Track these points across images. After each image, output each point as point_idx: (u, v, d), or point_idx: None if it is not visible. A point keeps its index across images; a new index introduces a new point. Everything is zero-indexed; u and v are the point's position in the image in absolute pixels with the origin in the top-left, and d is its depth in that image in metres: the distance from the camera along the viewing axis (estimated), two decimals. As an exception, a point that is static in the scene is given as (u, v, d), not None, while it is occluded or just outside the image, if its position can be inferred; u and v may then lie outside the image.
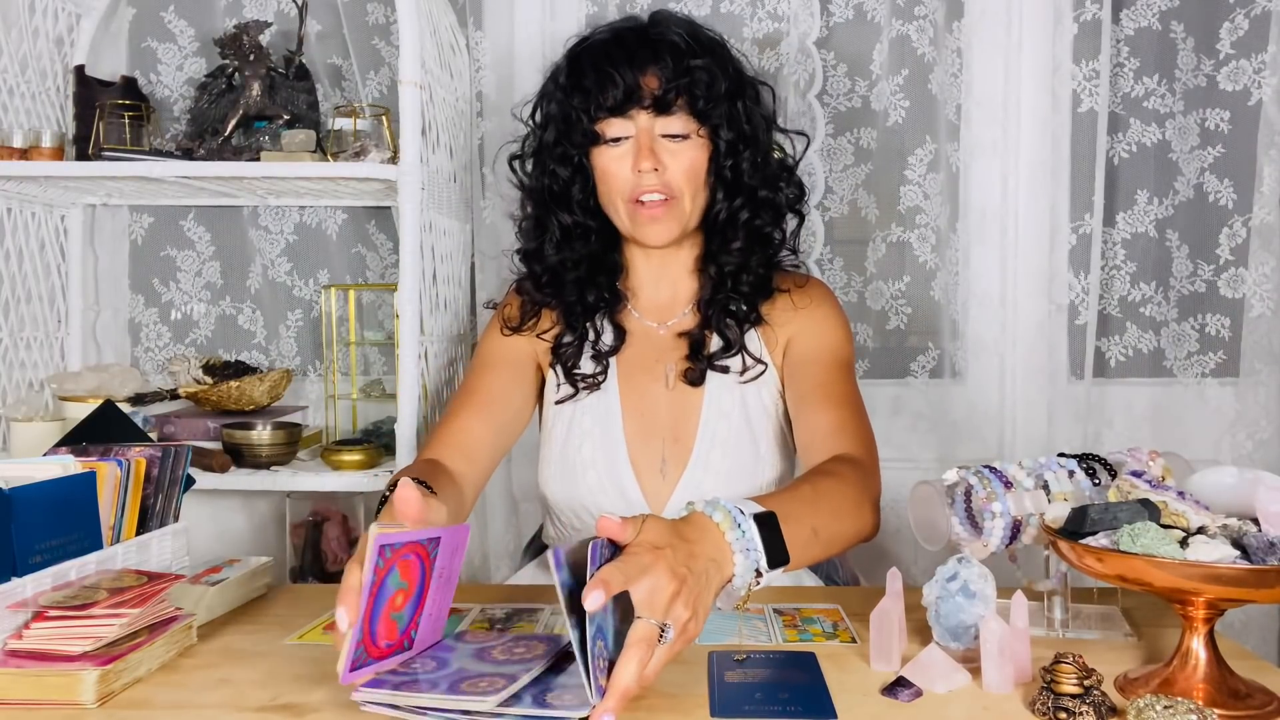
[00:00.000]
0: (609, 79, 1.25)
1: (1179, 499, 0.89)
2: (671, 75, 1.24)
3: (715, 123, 1.27)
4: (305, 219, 1.91)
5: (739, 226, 1.30)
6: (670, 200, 1.26)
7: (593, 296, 1.34)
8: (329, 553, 1.65)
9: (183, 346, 1.94)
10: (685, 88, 1.25)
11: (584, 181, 1.31)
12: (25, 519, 0.91)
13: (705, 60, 1.27)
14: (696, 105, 1.25)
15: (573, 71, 1.29)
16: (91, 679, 0.86)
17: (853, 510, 1.13)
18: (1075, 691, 0.79)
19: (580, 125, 1.27)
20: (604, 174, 1.28)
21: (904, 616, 0.95)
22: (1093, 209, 1.70)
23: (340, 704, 0.86)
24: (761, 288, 1.33)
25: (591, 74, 1.27)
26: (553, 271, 1.34)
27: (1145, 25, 1.73)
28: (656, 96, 1.24)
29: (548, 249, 1.34)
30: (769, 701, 0.84)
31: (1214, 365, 1.76)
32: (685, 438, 1.29)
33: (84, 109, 1.70)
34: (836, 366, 1.31)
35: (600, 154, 1.28)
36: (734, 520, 0.91)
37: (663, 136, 1.26)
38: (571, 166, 1.30)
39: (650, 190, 1.25)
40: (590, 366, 1.33)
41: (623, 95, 1.24)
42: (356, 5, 1.85)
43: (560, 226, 1.33)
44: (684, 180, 1.26)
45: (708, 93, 1.26)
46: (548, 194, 1.33)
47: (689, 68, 1.25)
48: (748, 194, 1.30)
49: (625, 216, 1.28)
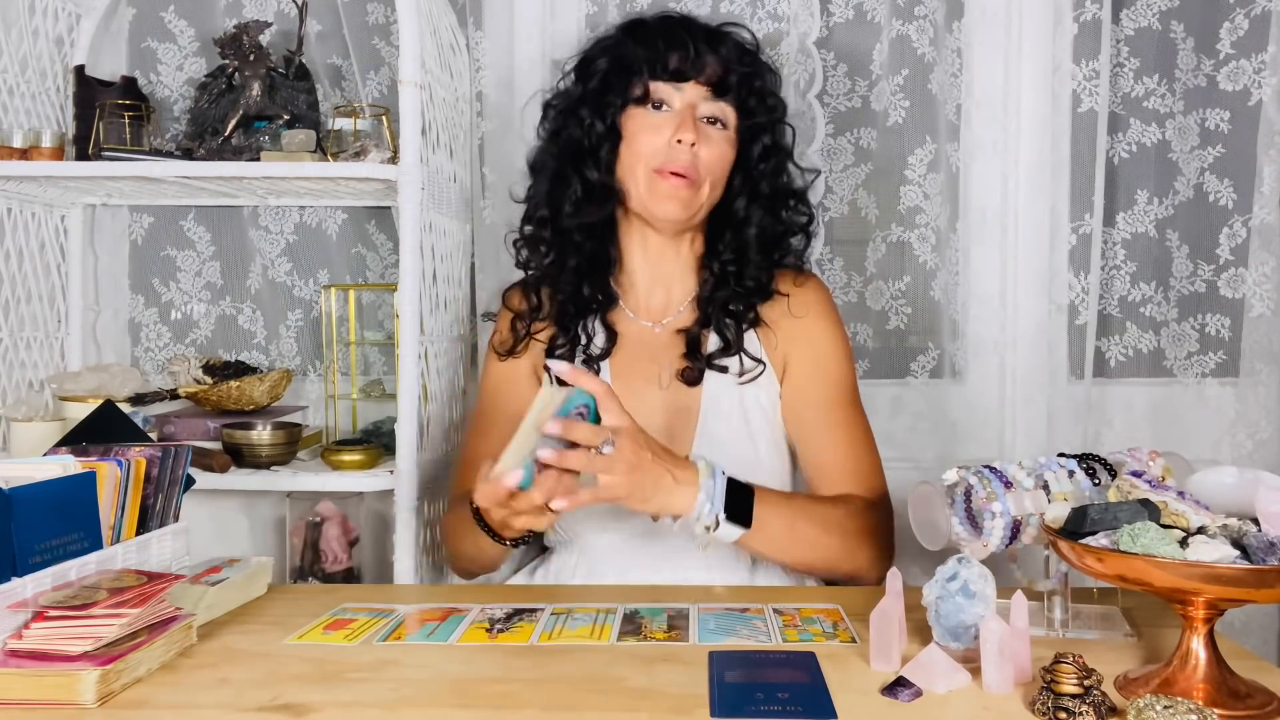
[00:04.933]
0: (679, 42, 1.27)
1: (1179, 499, 0.89)
2: (736, 63, 1.29)
3: (759, 121, 1.30)
4: (305, 219, 1.91)
5: (751, 227, 1.32)
6: (693, 182, 1.27)
7: (588, 290, 1.34)
8: (329, 553, 1.65)
9: (183, 346, 1.94)
10: (746, 78, 1.29)
11: (614, 143, 1.31)
12: (25, 519, 0.91)
13: (762, 68, 1.33)
14: (748, 101, 1.30)
15: (638, 31, 1.32)
16: (91, 679, 0.86)
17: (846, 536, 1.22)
18: (1075, 691, 0.79)
19: (637, 79, 1.28)
20: (634, 139, 1.28)
21: (904, 616, 0.95)
22: (1093, 209, 1.69)
23: (340, 704, 0.86)
24: (761, 290, 1.33)
25: (661, 37, 1.29)
26: (563, 238, 1.34)
27: (1145, 25, 1.73)
28: (719, 76, 1.27)
29: (566, 208, 1.33)
30: (769, 701, 0.84)
31: (1214, 365, 1.76)
32: (681, 438, 1.28)
33: (84, 109, 1.70)
34: (838, 390, 1.32)
35: (636, 116, 1.29)
36: (712, 470, 1.11)
37: (703, 119, 1.28)
38: (606, 124, 1.30)
39: (682, 166, 1.26)
40: None
41: (688, 62, 1.27)
42: (356, 5, 1.84)
43: (583, 184, 1.32)
44: (713, 165, 1.28)
45: (760, 93, 1.31)
46: (576, 149, 1.32)
47: (752, 63, 1.31)
48: (764, 202, 1.33)
49: (644, 187, 1.28)
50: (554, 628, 1.05)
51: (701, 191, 1.28)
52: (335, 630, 1.05)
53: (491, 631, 1.04)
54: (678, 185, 1.26)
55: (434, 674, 0.93)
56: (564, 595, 1.19)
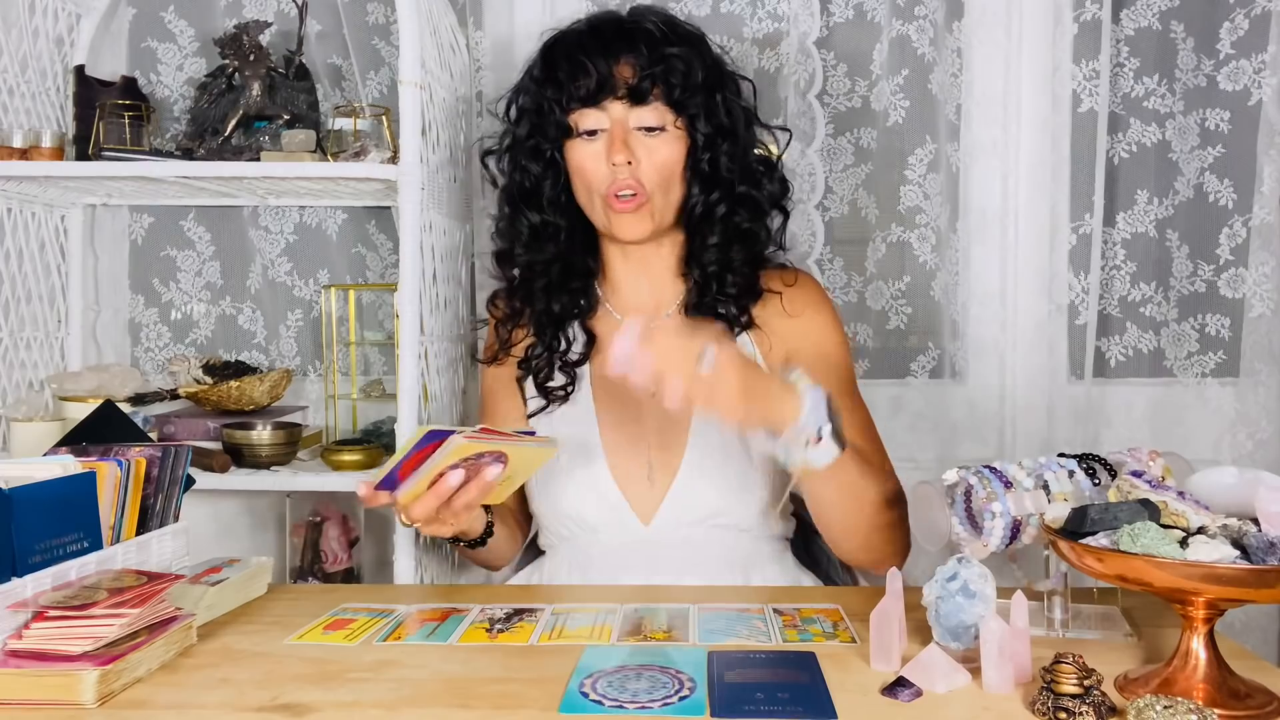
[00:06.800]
0: (581, 68, 1.23)
1: (1179, 499, 0.89)
2: (647, 64, 1.22)
3: (692, 113, 1.24)
4: (305, 219, 1.91)
5: (715, 222, 1.28)
6: (642, 197, 1.24)
7: (559, 306, 1.33)
8: (329, 553, 1.65)
9: (183, 346, 1.94)
10: (661, 76, 1.23)
11: (555, 178, 1.29)
12: (25, 519, 0.91)
13: (682, 49, 1.25)
14: (673, 95, 1.23)
15: (546, 63, 1.27)
16: (91, 679, 0.86)
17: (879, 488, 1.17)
18: (1075, 691, 0.79)
19: (553, 117, 1.25)
20: (578, 169, 1.26)
21: (904, 616, 0.95)
22: (1093, 209, 1.70)
23: (340, 704, 0.86)
24: (749, 289, 1.31)
25: (564, 64, 1.25)
26: (524, 272, 1.34)
27: (1145, 25, 1.73)
28: (631, 86, 1.22)
29: (517, 249, 1.33)
30: (769, 701, 0.84)
31: (1214, 365, 1.76)
32: (674, 444, 1.27)
33: (84, 109, 1.70)
34: (843, 381, 1.30)
35: (574, 148, 1.26)
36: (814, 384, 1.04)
37: (637, 130, 1.24)
38: (543, 162, 1.28)
39: (623, 186, 1.23)
40: (560, 378, 1.32)
41: (595, 85, 1.22)
42: (356, 5, 1.85)
43: (529, 226, 1.31)
44: (656, 175, 1.24)
45: (684, 82, 1.23)
46: (518, 191, 1.31)
47: (665, 56, 1.23)
48: (725, 188, 1.28)
49: (601, 212, 1.27)
50: (554, 628, 1.05)
51: (654, 203, 1.25)
52: (335, 630, 1.05)
53: (491, 631, 1.04)
54: (626, 208, 1.24)
55: (434, 674, 0.93)
56: (564, 595, 1.19)
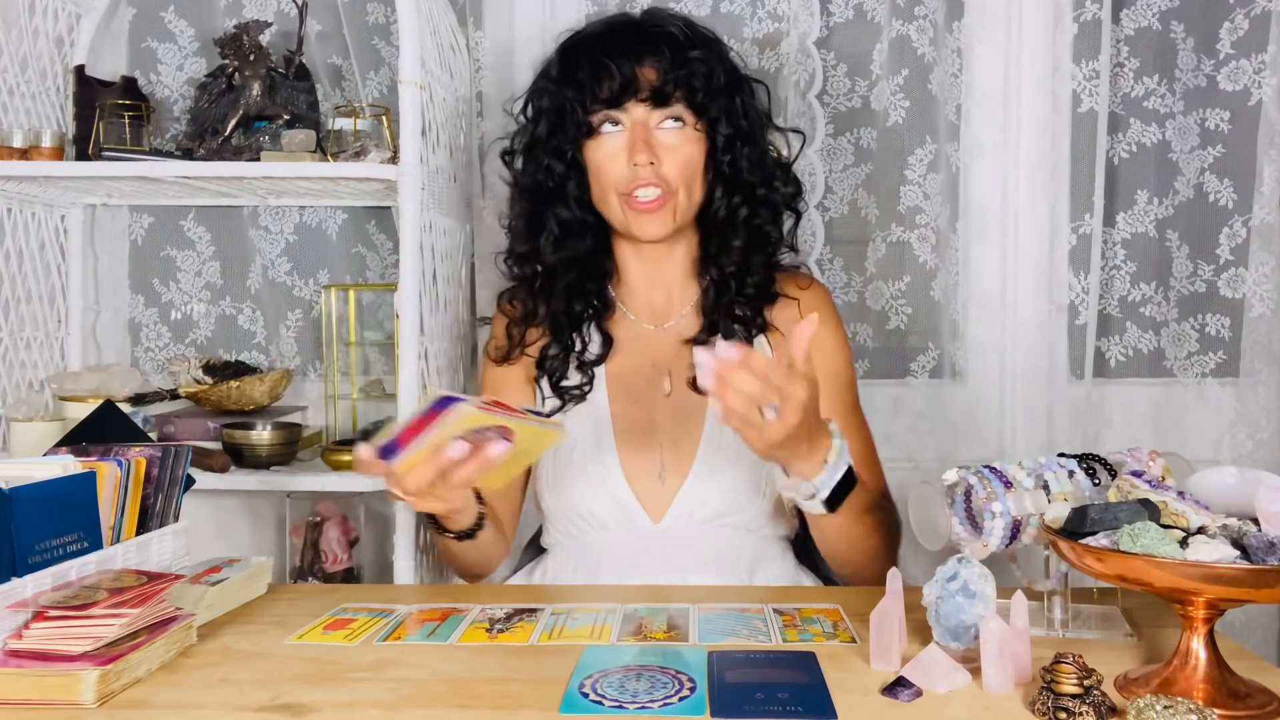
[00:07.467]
0: (605, 70, 1.23)
1: (1179, 499, 0.89)
2: (670, 66, 1.23)
3: (714, 116, 1.25)
4: (305, 219, 1.91)
5: (739, 224, 1.29)
6: (666, 195, 1.25)
7: (579, 305, 1.33)
8: (329, 553, 1.65)
9: (183, 346, 1.94)
10: (684, 79, 1.24)
11: (579, 176, 1.29)
12: (25, 519, 0.91)
13: (703, 52, 1.26)
14: (695, 98, 1.24)
15: (566, 63, 1.28)
16: (91, 679, 0.85)
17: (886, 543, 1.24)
18: (1075, 691, 0.79)
19: (574, 118, 1.25)
20: (598, 169, 1.26)
21: (904, 616, 0.95)
22: (1093, 209, 1.70)
23: (340, 704, 0.86)
24: (765, 291, 1.32)
25: (586, 66, 1.25)
26: (549, 272, 1.34)
27: (1145, 25, 1.73)
28: (655, 88, 1.23)
29: (544, 247, 1.32)
30: (769, 701, 0.84)
31: (1214, 365, 1.76)
32: (686, 444, 1.27)
33: (84, 109, 1.70)
34: (846, 391, 1.32)
35: (594, 148, 1.26)
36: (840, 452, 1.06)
37: (658, 129, 1.24)
38: (566, 161, 1.29)
39: (645, 184, 1.23)
40: (576, 377, 1.32)
41: (619, 87, 1.23)
42: (356, 5, 1.85)
43: (559, 222, 1.31)
44: (680, 173, 1.25)
45: (706, 85, 1.24)
46: (543, 190, 1.31)
47: (688, 59, 1.24)
48: (746, 190, 1.29)
49: (619, 212, 1.27)
50: (554, 628, 1.04)
51: (676, 201, 1.26)
52: (335, 630, 1.05)
53: (491, 631, 1.04)
54: (648, 208, 1.24)
55: (434, 674, 0.93)
56: (564, 595, 1.19)
